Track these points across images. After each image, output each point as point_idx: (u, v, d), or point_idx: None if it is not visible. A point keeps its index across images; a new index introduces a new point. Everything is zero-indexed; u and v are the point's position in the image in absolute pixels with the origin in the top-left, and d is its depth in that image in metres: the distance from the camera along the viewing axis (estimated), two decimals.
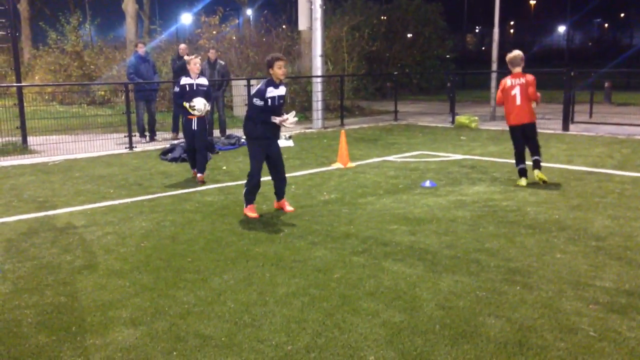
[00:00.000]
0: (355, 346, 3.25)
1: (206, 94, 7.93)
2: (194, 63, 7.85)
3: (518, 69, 7.31)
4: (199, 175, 7.93)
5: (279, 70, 5.87)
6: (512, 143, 7.57)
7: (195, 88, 7.81)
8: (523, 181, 7.31)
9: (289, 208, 6.30)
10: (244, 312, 3.73)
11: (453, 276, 4.28)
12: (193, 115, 7.80)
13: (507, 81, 7.37)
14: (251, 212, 6.08)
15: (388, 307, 3.75)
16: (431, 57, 28.92)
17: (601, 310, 3.67)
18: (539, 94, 7.29)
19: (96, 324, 3.59)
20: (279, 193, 6.30)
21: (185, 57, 8.21)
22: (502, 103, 7.48)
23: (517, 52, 7.37)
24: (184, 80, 7.83)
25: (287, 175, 6.35)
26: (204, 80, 7.97)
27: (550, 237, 5.21)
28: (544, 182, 7.25)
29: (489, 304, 3.78)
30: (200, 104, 7.74)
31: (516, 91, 7.26)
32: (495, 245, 5.00)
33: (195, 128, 7.88)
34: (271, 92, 5.87)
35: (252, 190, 6.13)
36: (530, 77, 7.28)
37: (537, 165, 7.35)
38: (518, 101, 7.25)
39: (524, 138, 7.40)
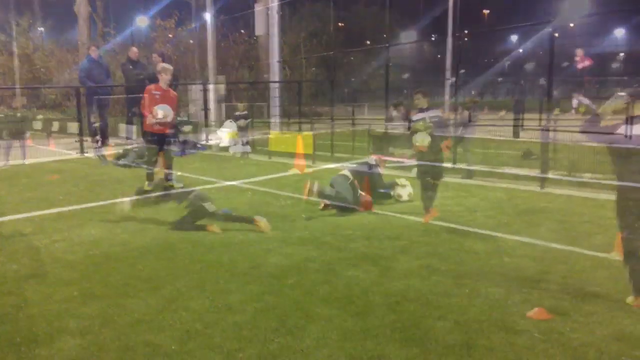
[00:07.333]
0: (307, 352, 3.26)
1: None
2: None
3: None
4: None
5: None
6: None
7: None
8: None
9: None
10: (195, 320, 3.68)
11: (405, 280, 4.34)
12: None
13: None
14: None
15: (341, 312, 3.78)
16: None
17: (546, 312, 3.78)
18: None
19: (42, 335, 3.48)
20: None
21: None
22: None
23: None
24: None
25: (245, 181, 6.32)
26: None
27: (499, 240, 5.35)
28: None
29: (438, 307, 3.85)
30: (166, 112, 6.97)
31: None
32: (446, 249, 5.10)
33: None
34: None
35: None
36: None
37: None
38: None
39: None
